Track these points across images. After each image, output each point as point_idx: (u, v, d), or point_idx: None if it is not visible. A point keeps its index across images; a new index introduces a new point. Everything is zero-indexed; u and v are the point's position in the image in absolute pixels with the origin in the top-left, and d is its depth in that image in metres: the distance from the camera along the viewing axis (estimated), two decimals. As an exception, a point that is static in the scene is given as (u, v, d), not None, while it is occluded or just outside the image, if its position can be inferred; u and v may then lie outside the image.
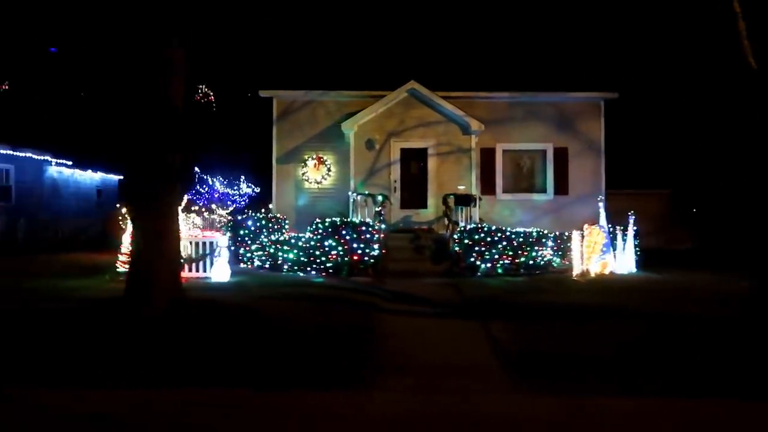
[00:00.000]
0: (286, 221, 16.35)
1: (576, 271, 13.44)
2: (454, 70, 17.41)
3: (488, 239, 13.68)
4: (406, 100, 16.25)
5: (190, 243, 12.70)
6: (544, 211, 17.49)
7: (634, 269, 14.03)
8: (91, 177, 32.71)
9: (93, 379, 5.41)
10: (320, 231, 13.76)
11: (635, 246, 14.33)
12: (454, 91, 16.55)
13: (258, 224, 15.35)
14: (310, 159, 17.64)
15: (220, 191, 25.15)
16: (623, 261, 13.98)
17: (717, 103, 20.07)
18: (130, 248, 9.17)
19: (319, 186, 17.69)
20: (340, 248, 13.50)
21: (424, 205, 16.32)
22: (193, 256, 12.63)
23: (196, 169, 26.02)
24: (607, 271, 13.59)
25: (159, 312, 7.76)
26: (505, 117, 17.35)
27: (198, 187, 25.48)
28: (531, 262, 13.94)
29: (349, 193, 15.74)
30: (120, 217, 20.42)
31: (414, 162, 16.37)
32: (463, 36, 18.75)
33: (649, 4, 16.90)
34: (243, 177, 26.79)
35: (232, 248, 14.40)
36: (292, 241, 14.23)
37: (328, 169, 17.64)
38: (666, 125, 22.63)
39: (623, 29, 18.25)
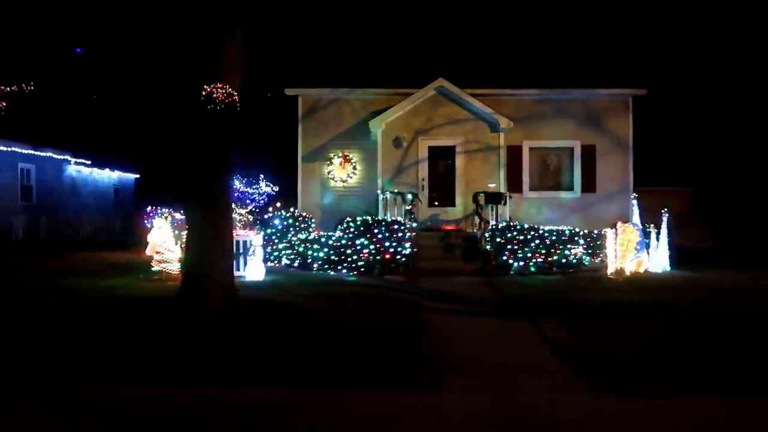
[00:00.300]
0: (313, 220, 16.31)
1: (610, 269, 13.30)
2: (481, 67, 17.28)
3: (521, 237, 13.59)
4: (434, 98, 16.16)
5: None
6: (571, 209, 17.33)
7: (668, 267, 13.90)
8: (108, 176, 32.83)
9: (164, 377, 5.37)
10: (352, 230, 13.71)
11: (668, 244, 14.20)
12: (482, 88, 16.40)
13: (285, 223, 15.33)
14: (335, 157, 17.56)
15: (240, 190, 25.08)
16: (657, 259, 13.84)
17: (741, 101, 19.87)
18: (181, 247, 9.17)
19: (345, 184, 17.61)
20: (372, 247, 13.45)
21: (452, 204, 16.22)
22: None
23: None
24: (641, 270, 13.46)
25: (214, 311, 7.74)
26: (532, 114, 17.19)
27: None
28: (564, 260, 13.83)
29: (378, 191, 15.66)
30: (145, 217, 20.50)
31: (442, 160, 16.28)
32: (489, 33, 18.63)
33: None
34: (261, 176, 26.71)
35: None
36: (322, 239, 14.19)
37: (354, 168, 17.57)
38: (690, 123, 22.44)
39: (651, 26, 18.07)
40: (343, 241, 13.81)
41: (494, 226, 13.91)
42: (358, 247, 13.54)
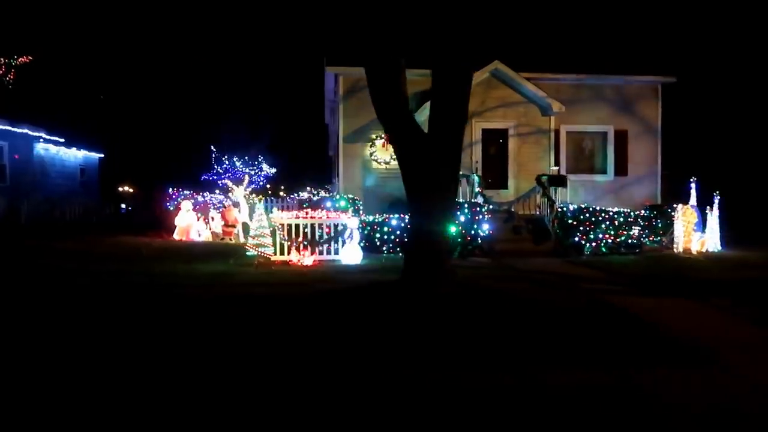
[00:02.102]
0: (361, 202, 16.09)
1: (678, 249, 14.02)
2: (529, 52, 17.46)
3: (593, 219, 14.01)
4: (488, 80, 16.25)
5: (313, 226, 12.25)
6: (605, 191, 18.02)
7: (719, 247, 14.76)
8: (74, 155, 30.69)
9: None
10: (432, 212, 13.61)
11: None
12: (532, 72, 16.64)
13: (336, 206, 15.02)
14: (378, 138, 17.32)
15: (242, 171, 24.22)
16: (712, 239, 14.66)
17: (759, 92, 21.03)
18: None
19: (388, 166, 17.42)
20: (453, 229, 13.43)
21: (505, 186, 16.45)
22: (324, 238, 12.21)
23: (212, 148, 24.99)
24: (704, 249, 14.24)
25: (447, 295, 7.76)
26: (569, 99, 17.60)
27: (217, 167, 24.44)
28: (629, 240, 14.39)
29: None
30: (167, 199, 19.44)
31: (494, 142, 16.44)
32: (531, 18, 18.82)
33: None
34: (261, 157, 25.94)
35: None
36: (393, 222, 14.01)
37: (397, 149, 17.38)
38: (716, 110, 23.54)
39: (680, 16, 18.86)
40: (420, 224, 13.69)
41: (564, 208, 14.24)
42: (439, 230, 13.48)
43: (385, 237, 13.89)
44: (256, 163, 25.69)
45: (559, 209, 14.29)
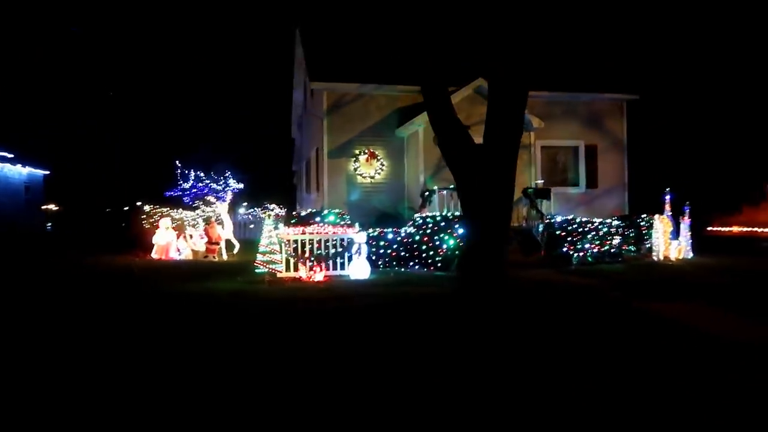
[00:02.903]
0: (348, 217, 16.14)
1: (657, 257, 14.85)
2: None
3: (579, 230, 14.64)
4: (472, 97, 16.68)
5: (320, 242, 12.21)
6: (577, 203, 18.82)
7: (691, 254, 15.72)
8: (19, 172, 29.15)
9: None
10: (430, 225, 13.84)
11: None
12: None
13: (327, 221, 15.02)
14: (362, 154, 17.47)
15: (212, 186, 23.70)
16: (685, 247, 15.60)
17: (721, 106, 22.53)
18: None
19: (372, 181, 17.59)
20: (452, 242, 13.71)
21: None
22: (330, 253, 12.18)
23: (177, 163, 24.36)
24: (681, 256, 15.14)
25: (506, 304, 8.04)
26: (543, 115, 18.28)
27: (182, 182, 23.83)
28: (612, 250, 15.10)
29: (435, 187, 15.79)
30: (144, 217, 18.81)
31: (479, 157, 16.86)
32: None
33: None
34: (228, 172, 25.50)
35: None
36: (389, 236, 14.15)
37: (381, 164, 17.61)
38: (679, 125, 24.97)
39: (645, 37, 20.04)
40: (417, 237, 13.91)
41: (552, 220, 14.81)
42: (437, 243, 13.73)
43: (381, 251, 14.01)
44: (223, 178, 25.22)
45: (547, 221, 14.85)
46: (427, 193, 15.86)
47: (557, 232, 14.65)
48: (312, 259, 11.87)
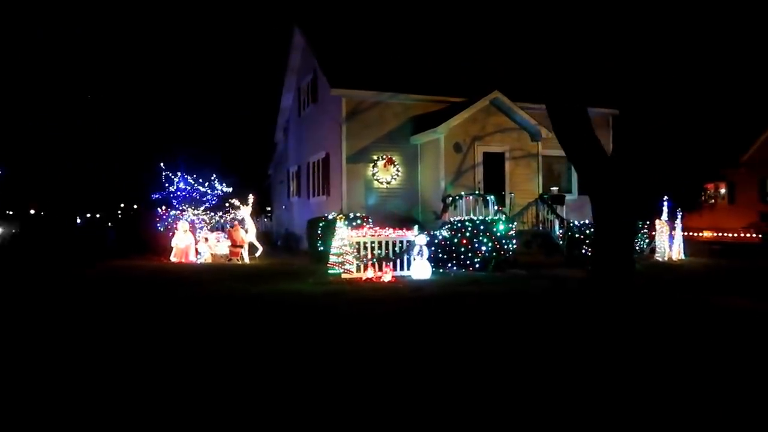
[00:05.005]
0: (371, 221, 16.65)
1: (661, 257, 16.38)
2: (516, 83, 19.19)
3: (596, 233, 15.91)
4: (487, 108, 17.65)
5: (380, 243, 12.69)
6: (571, 209, 20.12)
7: (683, 256, 17.44)
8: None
9: None
10: (469, 228, 14.58)
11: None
12: (519, 101, 18.37)
13: (354, 224, 15.50)
14: (380, 159, 18.02)
15: (200, 190, 23.39)
16: (680, 249, 17.28)
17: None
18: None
19: (388, 186, 18.18)
20: (490, 244, 14.54)
21: (503, 204, 17.85)
22: (390, 255, 12.66)
23: (162, 165, 23.89)
24: (679, 257, 16.77)
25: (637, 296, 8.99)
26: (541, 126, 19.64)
27: (168, 186, 23.38)
28: (621, 251, 16.48)
29: (462, 192, 16.51)
30: (158, 220, 18.40)
31: (493, 165, 17.84)
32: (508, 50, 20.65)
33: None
34: (213, 175, 25.23)
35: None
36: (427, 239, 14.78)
37: (397, 170, 18.23)
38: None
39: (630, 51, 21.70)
40: (456, 240, 14.63)
41: (571, 224, 16.01)
42: (476, 245, 14.51)
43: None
44: (209, 182, 24.94)
45: (570, 225, 16.03)
46: (450, 198, 16.64)
47: (576, 235, 15.85)
48: (374, 260, 12.34)
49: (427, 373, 5.15)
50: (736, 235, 26.33)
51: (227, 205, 19.32)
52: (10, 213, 31.87)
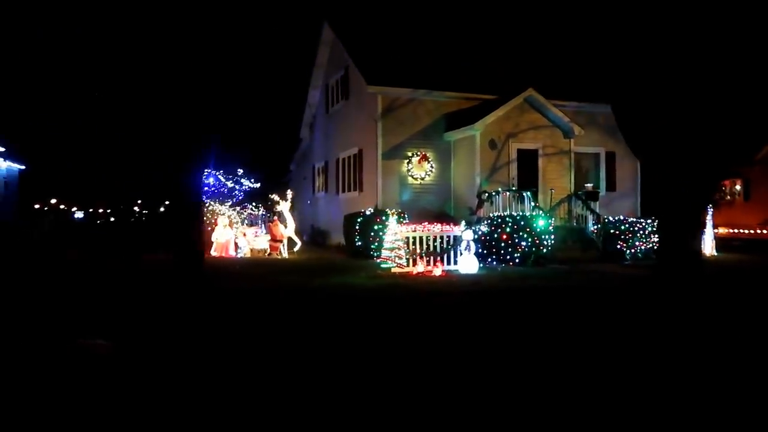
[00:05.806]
0: (406, 217, 16.91)
1: (695, 253, 16.67)
2: (548, 80, 19.43)
3: (632, 229, 16.18)
4: (521, 105, 17.90)
5: (427, 238, 12.96)
6: (599, 205, 20.46)
7: (715, 252, 17.71)
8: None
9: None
10: (509, 223, 14.83)
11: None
12: (553, 99, 18.60)
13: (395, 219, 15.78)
14: (414, 155, 18.27)
15: (229, 186, 23.62)
16: (707, 245, 17.55)
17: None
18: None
19: (422, 182, 18.44)
20: (530, 240, 14.80)
21: (536, 200, 18.12)
22: (438, 249, 12.94)
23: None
24: (712, 253, 17.04)
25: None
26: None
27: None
28: (654, 247, 16.75)
29: (499, 189, 16.76)
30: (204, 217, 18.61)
31: (527, 161, 18.10)
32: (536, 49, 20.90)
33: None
34: (240, 170, 25.46)
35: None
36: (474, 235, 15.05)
37: (431, 166, 18.48)
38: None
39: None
40: (496, 236, 14.89)
41: (606, 220, 16.28)
42: (516, 241, 14.76)
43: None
44: (236, 177, 25.18)
45: (606, 221, 16.30)
46: (486, 195, 16.91)
47: (611, 231, 16.13)
48: (422, 254, 12.62)
49: (541, 358, 5.43)
50: (752, 231, 26.66)
51: (268, 200, 19.52)
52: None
